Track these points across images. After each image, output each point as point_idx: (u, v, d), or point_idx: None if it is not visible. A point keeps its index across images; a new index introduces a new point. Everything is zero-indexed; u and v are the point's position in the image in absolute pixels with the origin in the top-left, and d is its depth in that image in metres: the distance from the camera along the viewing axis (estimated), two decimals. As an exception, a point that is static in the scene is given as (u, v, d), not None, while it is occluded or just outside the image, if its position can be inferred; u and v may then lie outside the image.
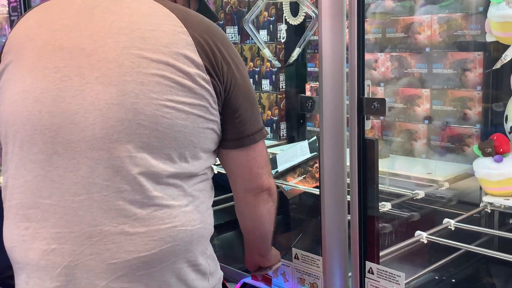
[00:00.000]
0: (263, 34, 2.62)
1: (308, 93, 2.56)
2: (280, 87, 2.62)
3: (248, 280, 1.73)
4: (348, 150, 1.48)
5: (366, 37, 2.26)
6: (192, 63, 1.16)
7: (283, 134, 2.67)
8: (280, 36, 2.35)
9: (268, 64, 2.62)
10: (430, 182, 1.95)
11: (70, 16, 1.19)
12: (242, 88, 1.25)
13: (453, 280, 1.85)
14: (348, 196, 1.50)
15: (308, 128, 2.60)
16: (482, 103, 2.02)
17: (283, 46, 2.58)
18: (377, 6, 2.26)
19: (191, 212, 1.20)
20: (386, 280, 1.46)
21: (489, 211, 1.87)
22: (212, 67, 1.19)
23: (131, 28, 1.16)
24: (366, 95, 1.45)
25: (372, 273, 1.49)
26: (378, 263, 1.49)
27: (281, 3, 2.15)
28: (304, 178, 2.07)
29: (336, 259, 1.54)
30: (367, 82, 1.45)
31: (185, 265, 1.20)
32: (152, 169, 1.13)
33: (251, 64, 2.72)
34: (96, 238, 1.11)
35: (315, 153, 2.01)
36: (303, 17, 2.15)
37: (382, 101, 1.40)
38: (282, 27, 2.20)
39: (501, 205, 1.84)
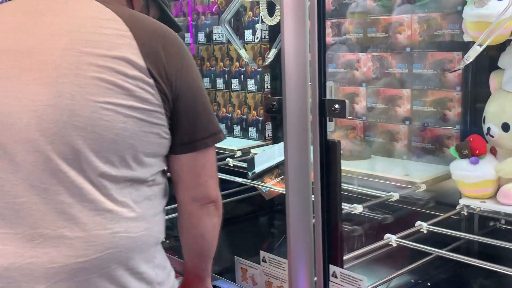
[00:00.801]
0: (248, 34, 2.61)
1: (293, 93, 2.54)
2: (265, 87, 2.61)
3: (219, 283, 1.72)
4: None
5: (347, 36, 2.26)
6: (134, 66, 1.14)
7: (268, 135, 2.65)
8: (256, 37, 2.33)
9: (257, 63, 2.60)
10: (407, 183, 1.93)
11: (18, 18, 1.19)
12: (192, 93, 1.23)
13: (429, 284, 1.82)
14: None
15: (293, 128, 2.58)
16: (462, 104, 1.99)
17: (267, 46, 2.56)
18: (357, 6, 2.24)
19: (134, 218, 1.18)
20: (349, 284, 1.44)
21: (466, 214, 1.84)
22: (157, 71, 1.17)
23: (74, 30, 1.15)
24: (328, 97, 1.43)
25: (336, 277, 1.47)
26: (341, 266, 1.47)
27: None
28: (282, 179, 2.05)
29: (301, 262, 1.52)
30: (329, 84, 1.42)
31: (126, 272, 1.17)
32: (90, 172, 1.12)
33: (237, 64, 2.70)
34: (37, 241, 1.10)
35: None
36: (279, 17, 2.12)
37: (342, 103, 1.38)
38: (258, 27, 2.18)
39: (477, 207, 1.81)
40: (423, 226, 1.70)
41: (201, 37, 2.87)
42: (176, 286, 1.34)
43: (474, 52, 1.44)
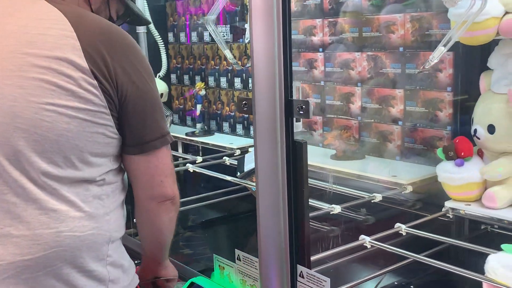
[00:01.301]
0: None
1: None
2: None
3: (196, 280, 1.73)
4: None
5: (343, 36, 2.25)
6: (76, 67, 1.17)
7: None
8: (246, 37, 2.34)
9: (244, 61, 2.62)
10: (394, 185, 1.91)
11: None
12: (140, 94, 1.25)
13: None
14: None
15: (293, 127, 2.57)
16: (453, 105, 1.96)
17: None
18: (352, 5, 2.22)
19: (81, 217, 1.20)
20: (315, 284, 1.43)
21: (451, 217, 1.81)
22: (101, 72, 1.19)
23: (21, 32, 1.19)
24: (295, 97, 1.42)
25: (303, 277, 1.47)
26: (309, 267, 1.47)
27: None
28: (271, 178, 2.05)
29: (272, 261, 1.52)
30: (295, 84, 1.42)
31: (73, 270, 1.20)
32: (33, 172, 1.15)
33: (225, 63, 2.74)
34: None
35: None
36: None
37: (306, 103, 1.38)
38: (246, 26, 2.19)
39: (461, 210, 1.78)
40: (402, 228, 1.69)
41: (206, 36, 2.90)
42: (136, 281, 1.36)
43: (438, 53, 1.42)
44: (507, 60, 1.70)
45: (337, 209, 1.69)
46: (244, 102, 1.54)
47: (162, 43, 2.94)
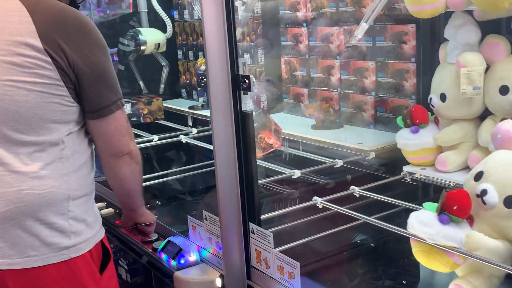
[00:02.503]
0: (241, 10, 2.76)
1: (282, 66, 2.69)
2: (259, 61, 2.76)
3: (172, 238, 1.93)
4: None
5: (323, 11, 2.37)
6: (32, 48, 1.38)
7: (264, 106, 2.80)
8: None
9: (248, 38, 2.76)
10: (359, 151, 2.04)
11: None
12: (92, 67, 1.45)
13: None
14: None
15: (284, 100, 2.72)
16: (416, 75, 2.06)
17: (260, 21, 2.71)
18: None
19: (41, 177, 1.42)
20: (262, 239, 1.60)
21: (409, 180, 1.93)
22: (54, 51, 1.39)
23: None
24: (241, 73, 1.58)
25: (254, 233, 1.64)
26: (259, 224, 1.64)
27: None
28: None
29: (230, 220, 1.70)
30: (241, 60, 1.57)
31: (36, 223, 1.43)
32: (0, 139, 1.36)
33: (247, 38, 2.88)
34: None
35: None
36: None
37: (248, 78, 1.53)
38: (238, 4, 2.33)
39: (417, 174, 1.90)
40: (355, 190, 1.82)
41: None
42: (101, 234, 1.58)
43: (361, 29, 1.54)
44: (458, 32, 1.79)
45: (297, 173, 1.83)
46: (201, 77, 1.71)
47: (166, 17, 3.09)
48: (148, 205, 2.55)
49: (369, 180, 1.99)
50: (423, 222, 1.39)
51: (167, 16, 3.08)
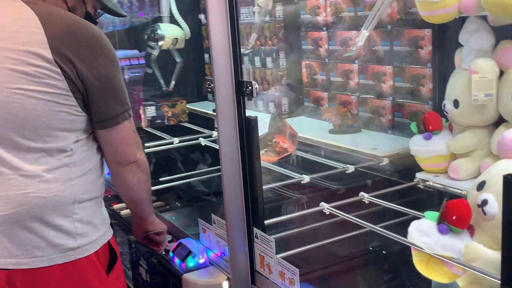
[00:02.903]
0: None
1: (303, 70, 2.68)
2: (281, 64, 2.76)
3: (184, 240, 1.96)
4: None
5: (342, 15, 2.36)
6: (43, 58, 1.42)
7: (284, 109, 2.81)
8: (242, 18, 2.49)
9: (270, 42, 2.77)
10: (373, 157, 2.02)
11: None
12: (99, 78, 1.48)
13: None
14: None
15: (305, 103, 2.72)
16: (433, 80, 2.03)
17: (282, 25, 2.71)
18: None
19: (48, 181, 1.47)
20: (265, 244, 1.61)
21: (422, 187, 1.90)
22: (63, 61, 1.43)
23: None
24: (245, 79, 1.59)
25: (257, 238, 1.65)
26: (263, 230, 1.65)
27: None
28: (266, 151, 2.23)
29: (236, 224, 1.71)
30: (245, 66, 1.59)
31: (42, 225, 1.48)
32: (8, 144, 1.43)
33: (258, 42, 2.89)
34: None
35: (266, 130, 2.17)
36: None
37: (250, 84, 1.54)
38: (255, 10, 2.34)
39: (430, 181, 1.87)
40: (364, 196, 1.81)
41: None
42: (108, 236, 1.61)
43: (362, 37, 1.53)
44: (471, 37, 1.75)
45: (306, 178, 1.83)
46: (208, 83, 1.73)
47: (182, 20, 3.14)
48: (167, 206, 2.61)
49: (382, 186, 1.97)
50: (422, 231, 1.37)
51: (183, 20, 3.12)
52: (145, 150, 2.42)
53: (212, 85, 1.72)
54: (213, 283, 1.78)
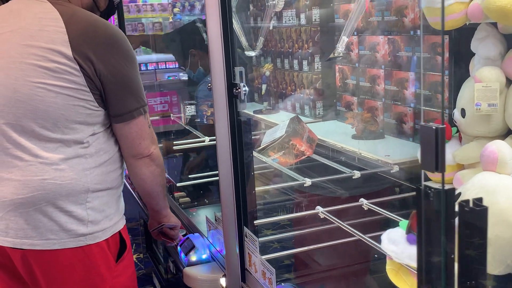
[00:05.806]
0: (302, 18, 2.80)
1: (336, 74, 2.68)
2: (316, 68, 2.78)
3: (191, 235, 2.03)
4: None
5: (371, 19, 2.35)
6: (64, 56, 1.55)
7: (319, 113, 2.82)
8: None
9: (306, 46, 2.79)
10: (384, 164, 1.99)
11: None
12: (116, 75, 1.60)
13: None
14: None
15: (337, 107, 2.72)
16: (449, 88, 1.97)
17: (318, 29, 2.72)
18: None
19: (63, 170, 1.59)
20: (251, 243, 1.65)
21: (429, 197, 1.85)
22: (82, 59, 1.56)
23: (24, 28, 1.60)
24: (238, 81, 1.63)
25: (247, 236, 1.69)
26: (253, 229, 1.68)
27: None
28: (284, 153, 2.25)
29: (230, 222, 1.76)
30: (238, 69, 1.63)
31: (56, 209, 1.59)
32: (29, 134, 1.56)
33: (296, 46, 2.91)
34: None
35: (283, 133, 2.19)
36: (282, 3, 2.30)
37: (238, 85, 1.58)
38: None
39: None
40: (363, 202, 1.80)
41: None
42: (120, 226, 1.71)
43: (342, 43, 1.52)
44: (479, 45, 1.70)
45: (308, 182, 1.85)
46: (209, 85, 1.79)
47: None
48: (195, 203, 2.69)
49: (387, 193, 1.95)
50: (391, 240, 1.35)
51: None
52: (174, 147, 2.53)
53: (210, 85, 1.78)
54: (211, 278, 1.84)
